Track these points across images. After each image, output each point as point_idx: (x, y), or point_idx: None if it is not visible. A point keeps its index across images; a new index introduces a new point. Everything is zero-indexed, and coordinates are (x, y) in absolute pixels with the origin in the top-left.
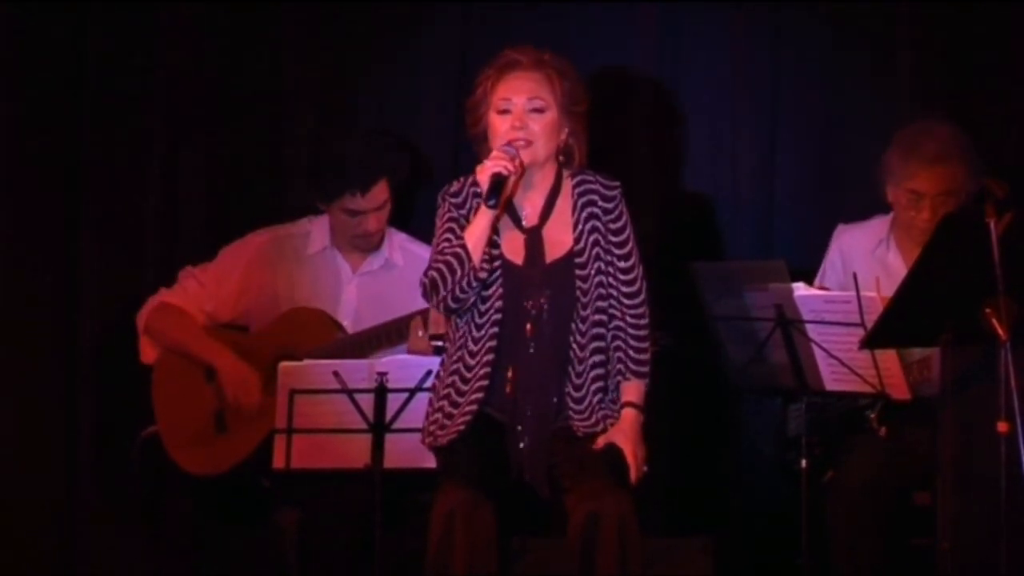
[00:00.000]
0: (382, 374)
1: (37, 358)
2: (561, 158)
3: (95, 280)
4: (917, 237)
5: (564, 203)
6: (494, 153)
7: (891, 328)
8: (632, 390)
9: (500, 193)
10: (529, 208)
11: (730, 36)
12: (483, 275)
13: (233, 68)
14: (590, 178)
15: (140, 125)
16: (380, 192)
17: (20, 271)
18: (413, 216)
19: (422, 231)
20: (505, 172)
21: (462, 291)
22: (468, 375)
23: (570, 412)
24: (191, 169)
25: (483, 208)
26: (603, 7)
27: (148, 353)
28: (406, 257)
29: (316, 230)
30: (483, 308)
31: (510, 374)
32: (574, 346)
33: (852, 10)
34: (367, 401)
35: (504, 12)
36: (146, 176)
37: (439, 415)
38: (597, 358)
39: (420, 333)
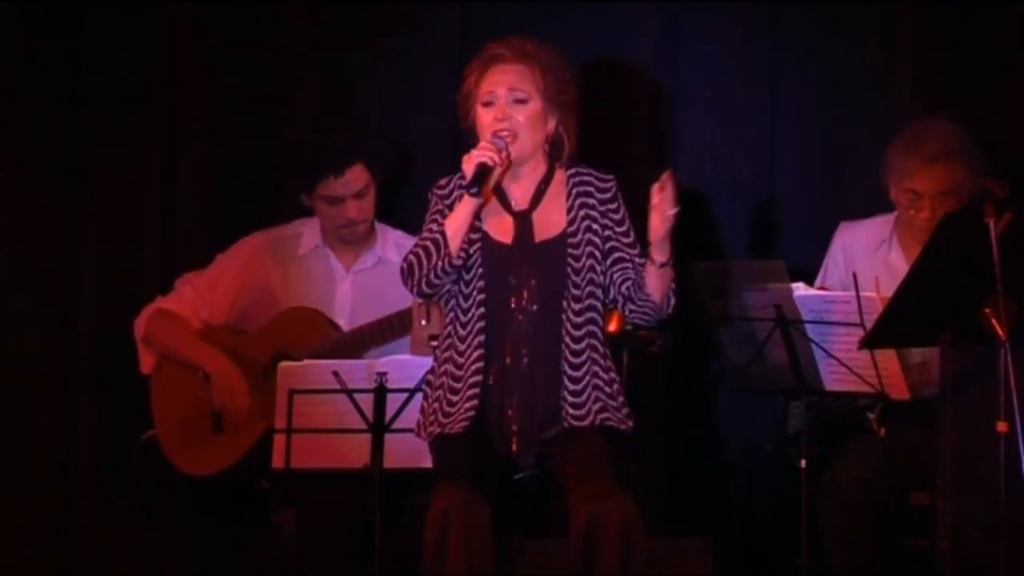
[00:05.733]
0: (382, 374)
1: (37, 359)
2: (548, 147)
3: (95, 281)
4: (918, 236)
5: (557, 190)
6: (482, 143)
7: (891, 328)
8: None
9: (483, 182)
10: (519, 194)
11: (730, 36)
12: (458, 262)
13: (233, 68)
14: (584, 171)
15: (140, 125)
16: (357, 177)
17: (20, 272)
18: (400, 212)
19: (410, 228)
20: (491, 163)
21: (436, 276)
22: (461, 359)
23: (565, 403)
24: (191, 169)
25: (466, 197)
26: (603, 6)
27: (147, 363)
28: (401, 254)
29: (308, 231)
30: (467, 291)
31: (500, 357)
32: (567, 327)
33: (852, 10)
34: (367, 401)
35: (504, 10)
36: (146, 176)
37: (438, 404)
38: (593, 355)
39: (423, 322)
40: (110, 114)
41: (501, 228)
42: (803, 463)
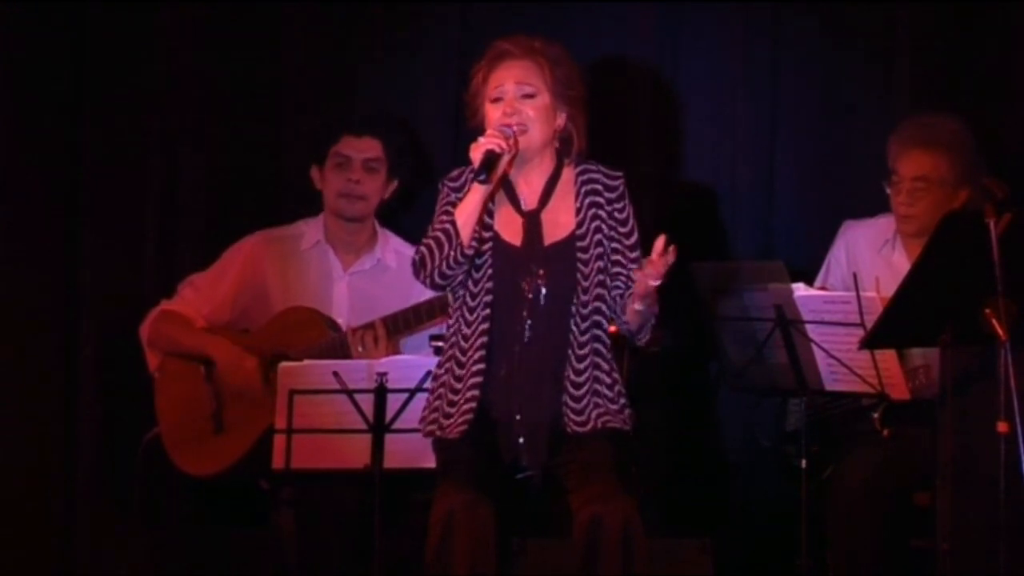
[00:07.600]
0: (382, 374)
1: (38, 360)
2: (558, 144)
3: (95, 282)
4: (900, 226)
5: (565, 188)
6: (488, 131)
7: (891, 328)
8: None
9: (491, 169)
10: (528, 192)
11: (730, 36)
12: (470, 252)
13: (233, 68)
14: (593, 168)
15: (140, 126)
16: (372, 147)
17: (20, 273)
18: (396, 219)
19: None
20: (498, 149)
21: (448, 267)
22: (463, 359)
23: (566, 408)
24: (191, 170)
25: (475, 185)
26: (603, 6)
27: (153, 363)
28: (399, 260)
29: (310, 229)
30: (475, 290)
31: (506, 359)
32: (574, 331)
33: (852, 11)
34: (367, 401)
35: (504, 10)
36: (146, 177)
37: (440, 403)
38: (596, 359)
39: (360, 349)
40: (110, 115)
41: (511, 229)
42: (803, 462)
